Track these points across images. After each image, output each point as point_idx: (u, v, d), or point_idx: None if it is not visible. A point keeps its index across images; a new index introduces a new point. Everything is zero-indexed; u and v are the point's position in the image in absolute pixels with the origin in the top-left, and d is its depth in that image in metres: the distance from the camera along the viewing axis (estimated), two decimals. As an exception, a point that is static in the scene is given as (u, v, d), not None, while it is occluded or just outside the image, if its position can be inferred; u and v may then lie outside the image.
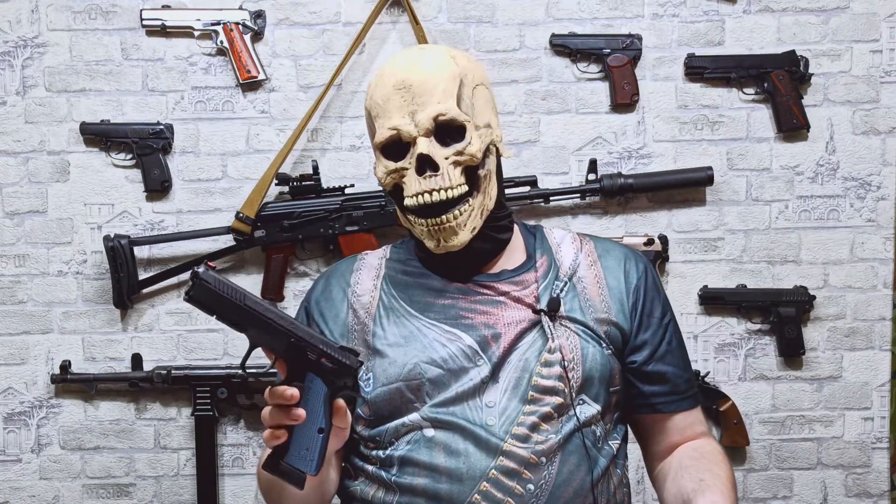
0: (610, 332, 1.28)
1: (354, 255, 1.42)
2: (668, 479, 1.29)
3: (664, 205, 1.93)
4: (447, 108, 1.23)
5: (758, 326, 1.93)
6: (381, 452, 1.25)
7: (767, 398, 1.94)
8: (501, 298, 1.28)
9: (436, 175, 1.23)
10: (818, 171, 1.92)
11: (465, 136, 1.24)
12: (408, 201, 1.25)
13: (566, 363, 1.22)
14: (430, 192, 1.22)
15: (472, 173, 1.25)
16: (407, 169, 1.24)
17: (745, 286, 1.92)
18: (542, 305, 1.26)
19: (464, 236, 1.25)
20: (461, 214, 1.24)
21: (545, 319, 1.25)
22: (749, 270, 1.93)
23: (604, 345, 1.27)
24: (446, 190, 1.23)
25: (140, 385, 1.89)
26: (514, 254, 1.34)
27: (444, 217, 1.23)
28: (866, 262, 1.93)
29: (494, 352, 1.23)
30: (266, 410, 1.07)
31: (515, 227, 1.37)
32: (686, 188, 1.90)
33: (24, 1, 1.91)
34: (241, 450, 1.94)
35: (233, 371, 1.88)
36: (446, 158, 1.23)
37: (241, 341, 1.92)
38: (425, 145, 1.22)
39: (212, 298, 0.98)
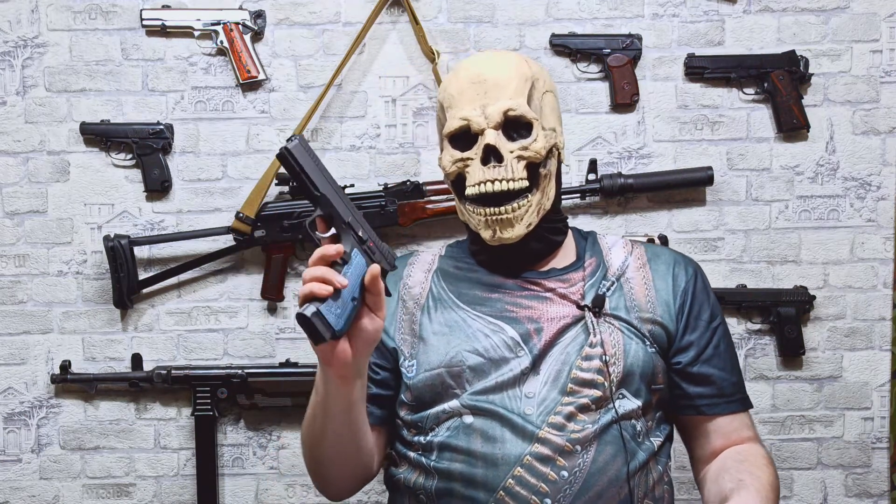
0: (654, 331, 1.31)
1: (410, 252, 1.50)
2: (709, 480, 1.30)
3: (664, 205, 1.93)
4: (517, 104, 1.28)
5: (758, 326, 1.93)
6: (422, 438, 1.29)
7: (767, 398, 1.94)
8: (548, 294, 1.31)
9: (500, 166, 1.27)
10: (818, 171, 1.92)
11: (532, 133, 1.29)
12: (469, 190, 1.29)
13: (607, 358, 1.25)
14: (493, 182, 1.27)
15: (534, 170, 1.30)
16: (472, 159, 1.29)
17: (745, 286, 1.92)
18: (587, 302, 1.29)
19: (519, 230, 1.29)
20: (519, 208, 1.28)
21: (588, 315, 1.28)
22: (749, 270, 1.93)
23: (647, 342, 1.29)
24: (508, 181, 1.27)
25: (140, 385, 1.89)
26: (565, 255, 1.38)
27: (502, 208, 1.28)
28: (866, 262, 1.93)
29: (536, 344, 1.27)
30: (308, 271, 1.09)
31: (569, 231, 1.41)
32: (686, 188, 1.90)
33: (24, 1, 1.91)
34: (241, 450, 1.94)
35: (233, 371, 1.88)
36: (511, 152, 1.28)
37: (241, 342, 1.92)
38: (493, 137, 1.27)
39: (305, 157, 1.10)
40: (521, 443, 1.22)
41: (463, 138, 1.31)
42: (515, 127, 1.29)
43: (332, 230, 1.14)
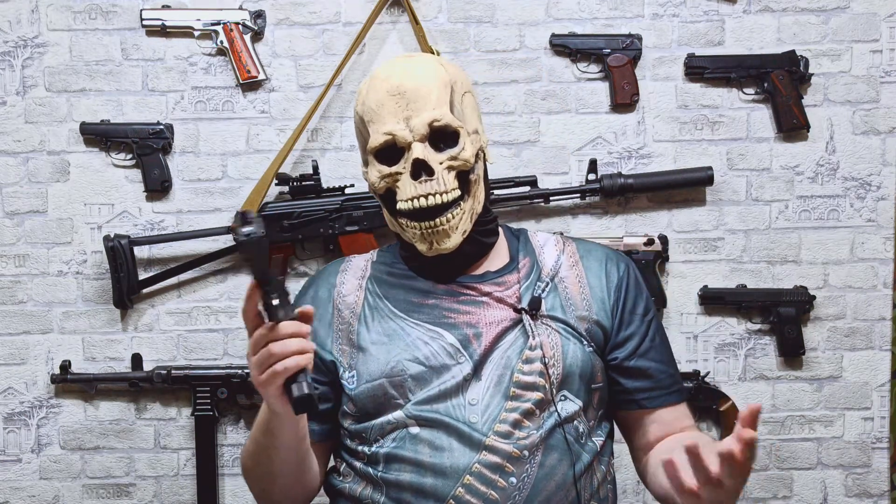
0: (591, 329, 1.31)
1: (342, 258, 1.46)
2: (662, 456, 1.27)
3: (664, 205, 1.93)
4: (442, 114, 1.26)
5: (758, 326, 1.93)
6: (367, 448, 1.28)
7: (767, 398, 1.94)
8: (484, 298, 1.30)
9: (431, 179, 1.25)
10: (818, 171, 1.92)
11: (459, 141, 1.27)
12: (402, 205, 1.27)
13: (547, 360, 1.25)
14: (426, 197, 1.25)
15: (463, 178, 1.28)
16: (401, 173, 1.27)
17: (745, 286, 1.92)
18: (524, 305, 1.29)
19: (455, 239, 1.28)
20: (454, 218, 1.27)
21: (526, 318, 1.28)
22: (749, 270, 1.93)
23: (585, 342, 1.30)
24: (441, 194, 1.26)
25: (140, 385, 1.89)
26: (498, 256, 1.37)
27: (437, 220, 1.26)
28: (866, 262, 1.93)
29: (476, 349, 1.26)
30: (279, 344, 1.09)
31: (500, 230, 1.40)
32: (686, 188, 1.90)
33: (24, 1, 1.91)
34: (241, 450, 1.94)
35: (233, 371, 1.88)
36: (441, 163, 1.26)
37: (241, 342, 1.92)
38: (420, 150, 1.25)
39: (260, 247, 1.08)
40: (469, 451, 1.21)
41: (388, 152, 1.28)
42: (442, 136, 1.27)
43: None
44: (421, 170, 1.26)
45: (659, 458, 1.27)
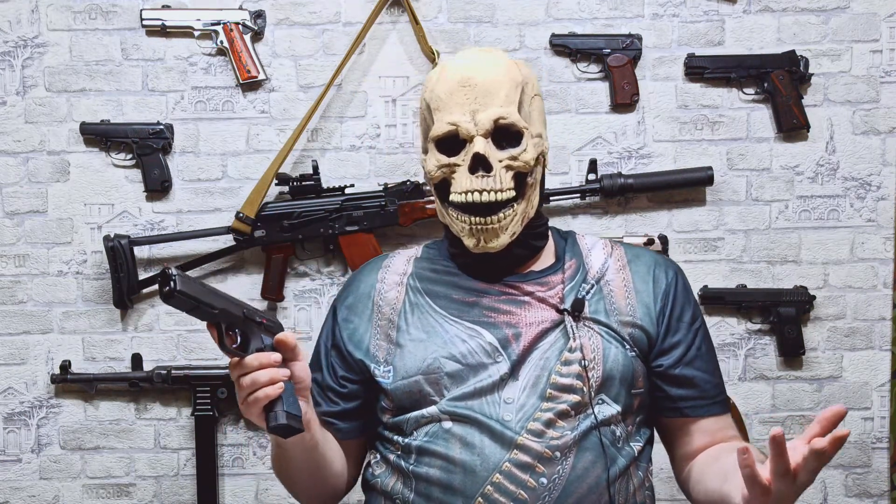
0: (634, 334, 1.29)
1: (386, 253, 1.46)
2: (707, 465, 1.27)
3: (664, 205, 1.93)
4: (508, 112, 1.25)
5: (758, 326, 1.93)
6: (401, 438, 1.28)
7: (767, 398, 1.94)
8: (526, 298, 1.30)
9: (488, 176, 1.25)
10: (818, 171, 1.92)
11: (522, 142, 1.27)
12: (456, 197, 1.27)
13: (586, 362, 1.24)
14: (481, 192, 1.25)
15: (521, 180, 1.28)
16: (459, 165, 1.27)
17: (745, 286, 1.92)
18: (566, 306, 1.28)
19: (504, 240, 1.28)
20: (505, 218, 1.27)
21: (568, 319, 1.27)
22: (749, 270, 1.93)
23: (627, 346, 1.28)
24: (496, 192, 1.25)
25: (140, 385, 1.89)
26: (545, 257, 1.36)
27: (489, 218, 1.26)
28: (866, 262, 1.93)
29: (514, 350, 1.25)
30: (248, 378, 1.13)
31: (549, 232, 1.39)
32: (686, 188, 1.90)
33: (24, 1, 1.91)
34: (241, 450, 1.94)
35: (233, 371, 1.88)
36: (500, 161, 1.26)
37: (241, 341, 1.92)
38: (482, 145, 1.25)
39: (191, 286, 1.06)
40: (500, 449, 1.21)
41: (449, 142, 1.27)
42: (505, 135, 1.26)
43: (238, 338, 1.15)
44: (479, 165, 1.25)
45: (706, 467, 1.26)
